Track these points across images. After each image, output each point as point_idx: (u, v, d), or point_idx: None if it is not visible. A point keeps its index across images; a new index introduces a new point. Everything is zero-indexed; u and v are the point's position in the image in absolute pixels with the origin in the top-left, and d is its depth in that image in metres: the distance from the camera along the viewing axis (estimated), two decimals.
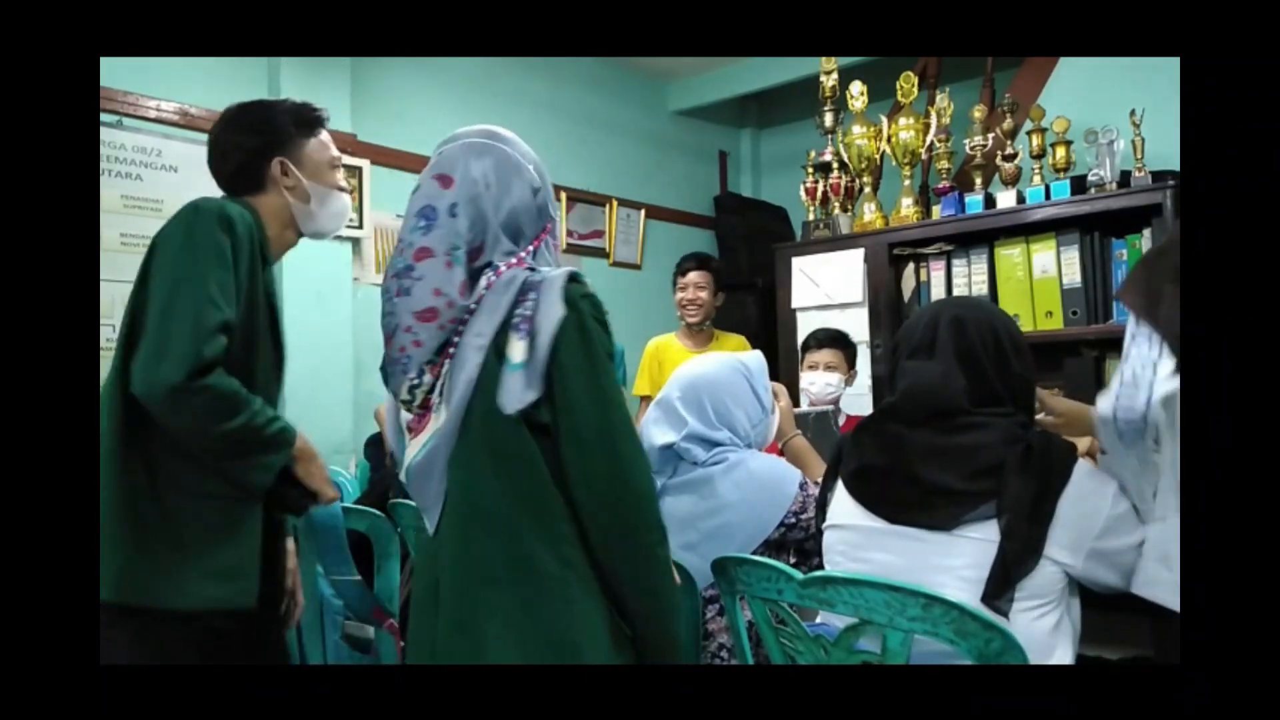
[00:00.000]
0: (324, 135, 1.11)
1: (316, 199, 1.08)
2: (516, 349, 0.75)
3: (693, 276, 2.19)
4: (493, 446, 0.76)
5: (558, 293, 0.75)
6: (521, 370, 0.74)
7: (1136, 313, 0.82)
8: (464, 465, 0.77)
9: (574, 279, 0.77)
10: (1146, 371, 0.81)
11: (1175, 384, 0.79)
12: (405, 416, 0.82)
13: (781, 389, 1.33)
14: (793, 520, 1.08)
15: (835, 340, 1.84)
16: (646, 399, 2.02)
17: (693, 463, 1.12)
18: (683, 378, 1.16)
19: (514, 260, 0.79)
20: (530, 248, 0.82)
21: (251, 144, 1.07)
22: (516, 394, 0.74)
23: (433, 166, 0.81)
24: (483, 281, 0.78)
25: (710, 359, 1.20)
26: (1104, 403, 0.86)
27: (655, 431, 1.14)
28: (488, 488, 0.76)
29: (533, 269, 0.80)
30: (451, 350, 0.77)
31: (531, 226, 0.82)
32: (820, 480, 1.05)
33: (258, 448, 0.95)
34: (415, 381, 0.77)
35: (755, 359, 1.19)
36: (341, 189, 1.12)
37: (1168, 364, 0.80)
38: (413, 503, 0.89)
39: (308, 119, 1.09)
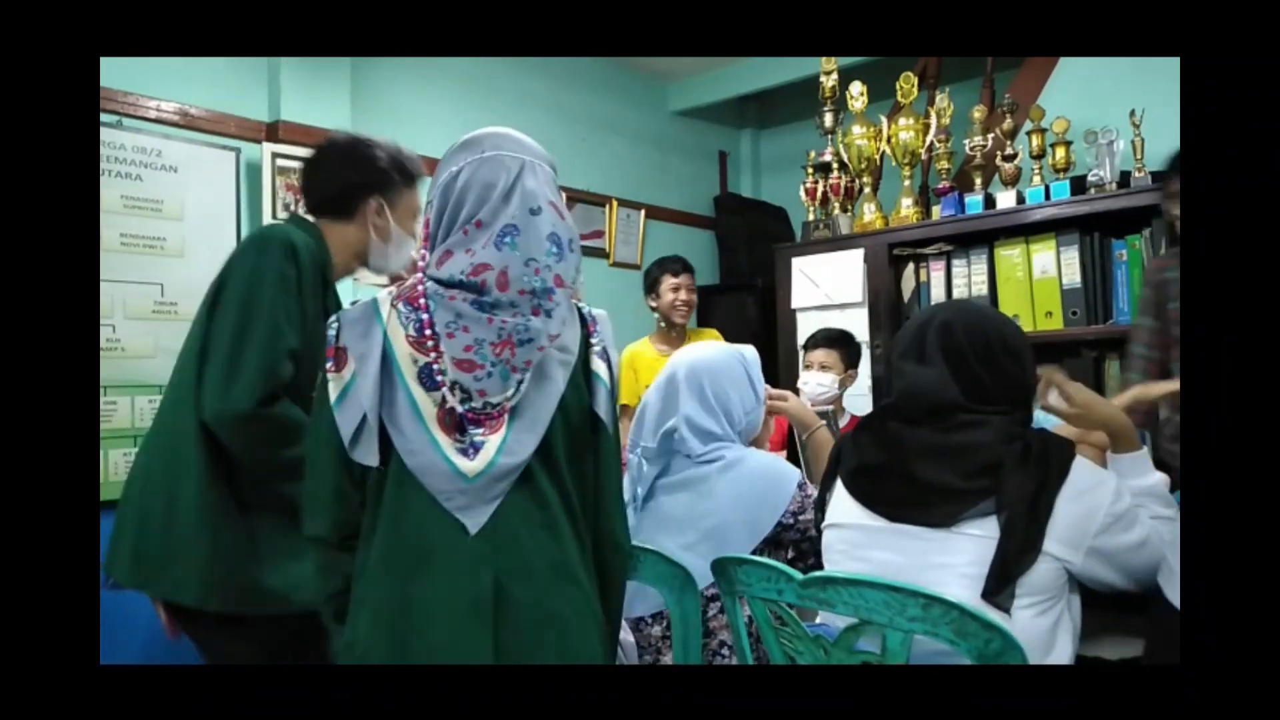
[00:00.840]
0: (418, 189, 1.17)
1: (396, 243, 1.16)
2: (605, 373, 0.85)
3: (684, 278, 2.23)
4: (570, 453, 0.82)
5: (610, 332, 0.87)
6: (610, 394, 0.85)
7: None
8: (547, 468, 0.80)
9: None
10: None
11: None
12: (434, 402, 0.77)
13: (787, 394, 1.36)
14: (790, 520, 1.08)
15: (831, 340, 1.85)
16: (626, 408, 2.01)
17: (686, 455, 1.12)
18: (683, 361, 1.17)
19: (564, 294, 0.85)
20: (568, 286, 0.88)
21: (356, 179, 1.13)
22: (610, 412, 0.85)
23: (535, 192, 0.80)
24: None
25: (709, 345, 1.22)
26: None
27: (651, 417, 1.15)
28: (564, 490, 0.81)
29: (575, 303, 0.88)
30: (541, 349, 0.81)
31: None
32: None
33: None
34: (511, 394, 0.78)
35: (750, 350, 1.22)
36: (414, 236, 1.18)
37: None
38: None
39: (409, 170, 1.16)
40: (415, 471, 0.77)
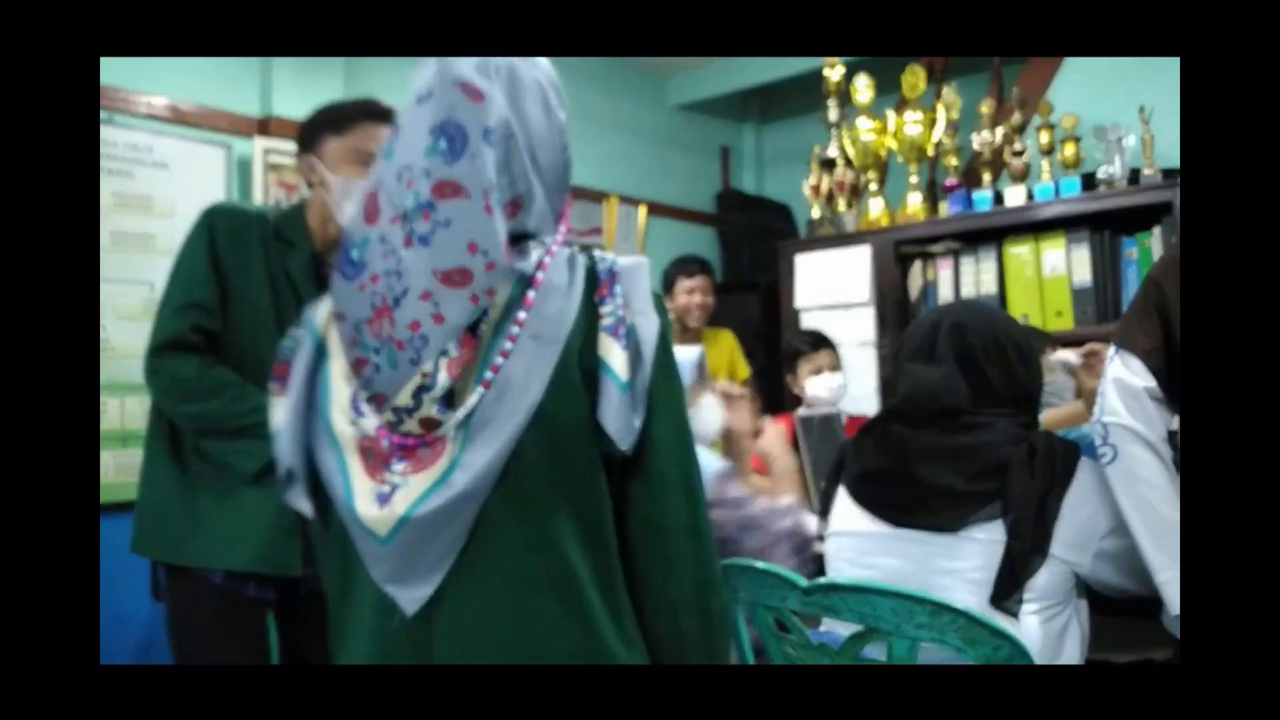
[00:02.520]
0: (358, 130, 1.12)
1: (339, 191, 1.11)
2: (619, 361, 0.54)
3: (700, 280, 2.18)
4: (564, 488, 0.54)
5: (648, 289, 0.56)
6: (629, 392, 0.54)
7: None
8: (516, 512, 0.53)
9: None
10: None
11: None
12: (356, 431, 0.54)
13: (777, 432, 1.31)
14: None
15: (824, 340, 1.85)
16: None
17: None
18: None
19: (560, 236, 0.59)
20: (563, 227, 0.61)
21: (299, 146, 1.14)
22: (627, 422, 0.53)
23: (445, 73, 0.55)
24: (533, 256, 0.55)
25: None
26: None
27: None
28: (555, 550, 0.53)
29: (574, 249, 0.59)
30: (508, 347, 0.52)
31: (562, 193, 0.61)
32: (797, 500, 1.03)
33: (231, 433, 1.01)
34: (427, 381, 0.52)
35: (685, 353, 1.17)
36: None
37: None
38: None
39: (333, 115, 1.13)
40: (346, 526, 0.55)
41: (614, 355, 0.54)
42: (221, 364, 1.04)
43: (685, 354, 1.14)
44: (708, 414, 1.16)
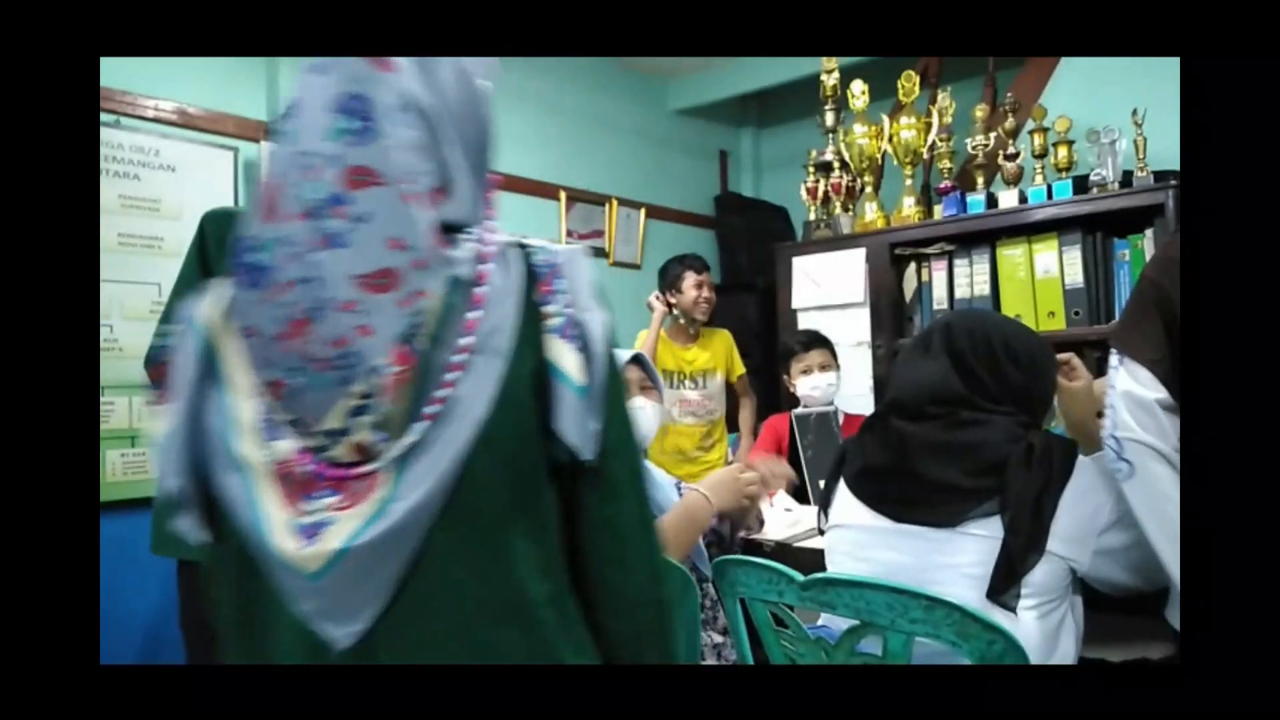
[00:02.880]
0: None
1: None
2: (572, 363, 0.48)
3: (706, 276, 2.25)
4: (516, 508, 0.48)
5: (590, 281, 0.50)
6: (586, 396, 0.48)
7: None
8: (464, 540, 0.47)
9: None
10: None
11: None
12: (269, 456, 0.47)
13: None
14: None
15: (821, 340, 1.88)
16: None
17: None
18: None
19: (490, 228, 0.51)
20: (489, 213, 0.52)
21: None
22: (588, 429, 0.48)
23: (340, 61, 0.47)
24: (466, 253, 0.48)
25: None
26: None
27: None
28: (506, 571, 0.48)
29: (511, 241, 0.52)
30: (455, 362, 0.46)
31: (486, 174, 0.52)
32: (667, 552, 1.01)
33: None
34: (360, 403, 0.45)
35: (625, 356, 1.16)
36: None
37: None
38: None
39: None
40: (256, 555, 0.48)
41: (566, 358, 0.48)
42: None
43: (619, 355, 1.12)
44: (645, 416, 1.11)
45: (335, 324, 0.44)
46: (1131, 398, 0.83)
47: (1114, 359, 0.88)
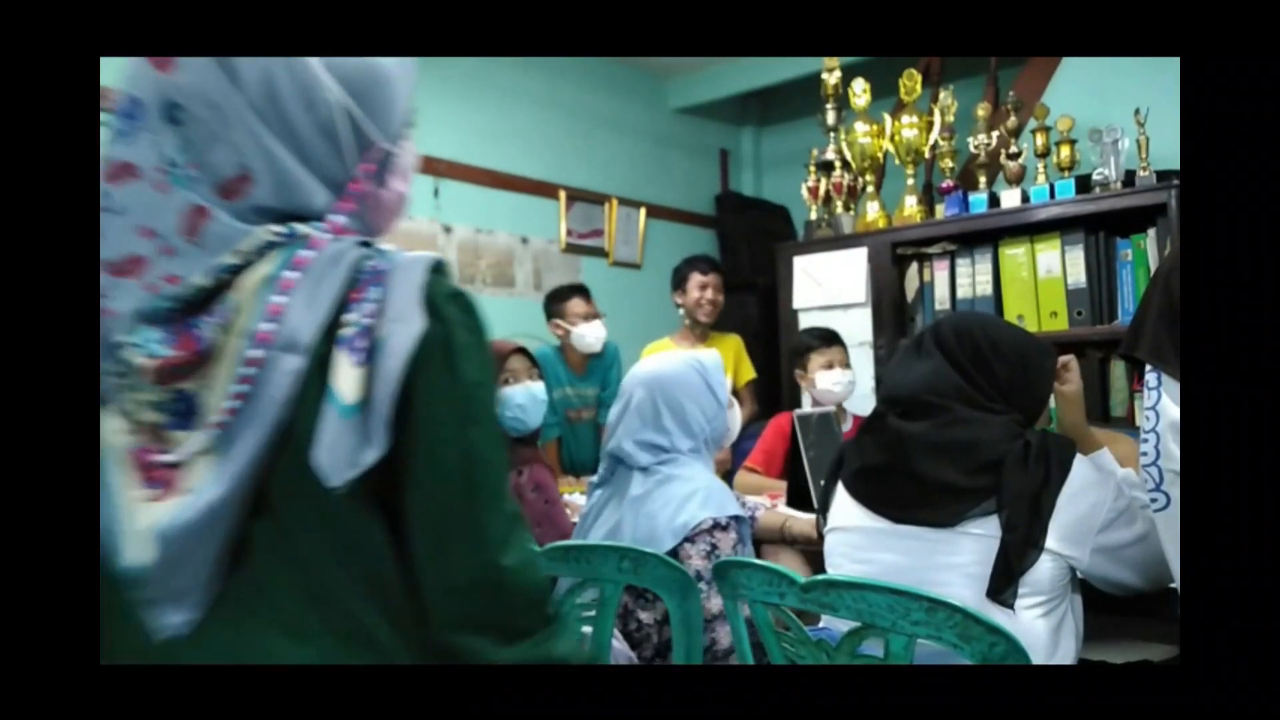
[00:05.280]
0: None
1: None
2: (346, 379, 0.46)
3: (712, 278, 2.25)
4: (329, 524, 0.48)
5: (415, 291, 0.47)
6: (356, 416, 0.46)
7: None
8: (279, 551, 0.48)
9: (438, 269, 0.49)
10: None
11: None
12: (124, 442, 0.51)
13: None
14: (689, 545, 1.04)
15: (836, 337, 1.87)
16: None
17: (632, 468, 1.12)
18: (636, 376, 1.17)
19: (335, 224, 0.50)
20: (344, 205, 0.51)
21: None
22: (345, 454, 0.45)
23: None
24: (290, 255, 0.47)
25: (665, 356, 1.22)
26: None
27: (609, 434, 1.16)
28: (328, 593, 0.48)
29: (367, 243, 0.50)
30: (256, 355, 0.46)
31: (327, 164, 0.51)
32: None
33: None
34: (121, 381, 0.50)
35: (711, 356, 1.21)
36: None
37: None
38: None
39: None
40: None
41: (341, 373, 0.46)
42: None
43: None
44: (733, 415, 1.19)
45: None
46: (1177, 428, 0.76)
47: (1150, 378, 0.80)
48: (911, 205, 2.20)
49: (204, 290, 0.48)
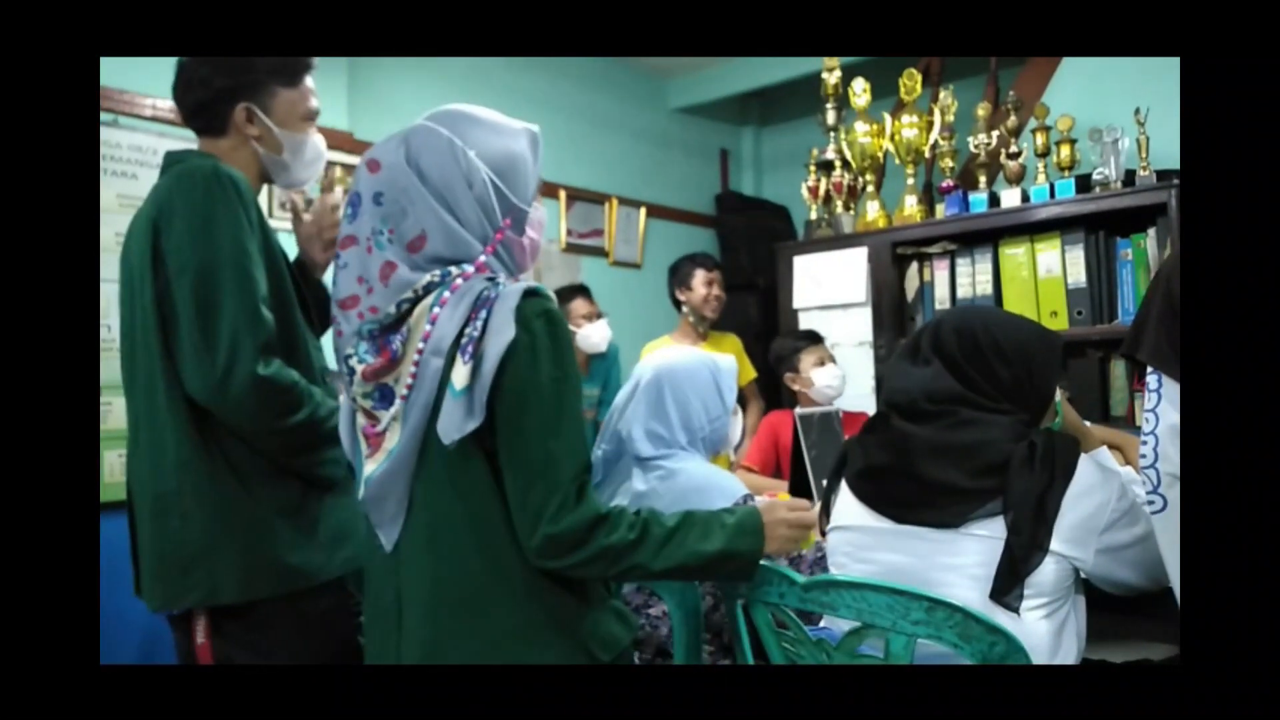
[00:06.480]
0: (305, 86, 1.02)
1: (290, 148, 1.00)
2: (459, 372, 0.70)
3: (717, 274, 2.27)
4: (451, 472, 0.74)
5: (509, 312, 0.71)
6: (464, 398, 0.70)
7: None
8: (427, 487, 0.74)
9: (530, 294, 0.73)
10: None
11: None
12: (360, 422, 0.77)
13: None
14: None
15: (819, 335, 1.90)
16: None
17: (634, 457, 1.12)
18: (649, 364, 1.17)
19: (474, 266, 0.75)
20: (487, 251, 0.76)
21: (219, 83, 0.97)
22: (456, 423, 0.71)
23: (367, 153, 0.77)
24: (442, 292, 0.73)
25: (681, 350, 1.23)
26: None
27: (613, 420, 1.15)
28: (449, 512, 0.74)
29: (492, 279, 0.75)
30: (416, 359, 0.72)
31: (480, 224, 0.76)
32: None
33: (320, 442, 0.92)
34: (351, 379, 0.75)
35: (727, 361, 1.21)
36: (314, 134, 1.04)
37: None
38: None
39: (286, 67, 1.00)
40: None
41: (456, 370, 0.71)
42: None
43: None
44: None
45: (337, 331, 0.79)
46: (1177, 432, 0.76)
47: (1151, 380, 0.81)
48: (911, 205, 2.20)
49: (392, 317, 0.74)
